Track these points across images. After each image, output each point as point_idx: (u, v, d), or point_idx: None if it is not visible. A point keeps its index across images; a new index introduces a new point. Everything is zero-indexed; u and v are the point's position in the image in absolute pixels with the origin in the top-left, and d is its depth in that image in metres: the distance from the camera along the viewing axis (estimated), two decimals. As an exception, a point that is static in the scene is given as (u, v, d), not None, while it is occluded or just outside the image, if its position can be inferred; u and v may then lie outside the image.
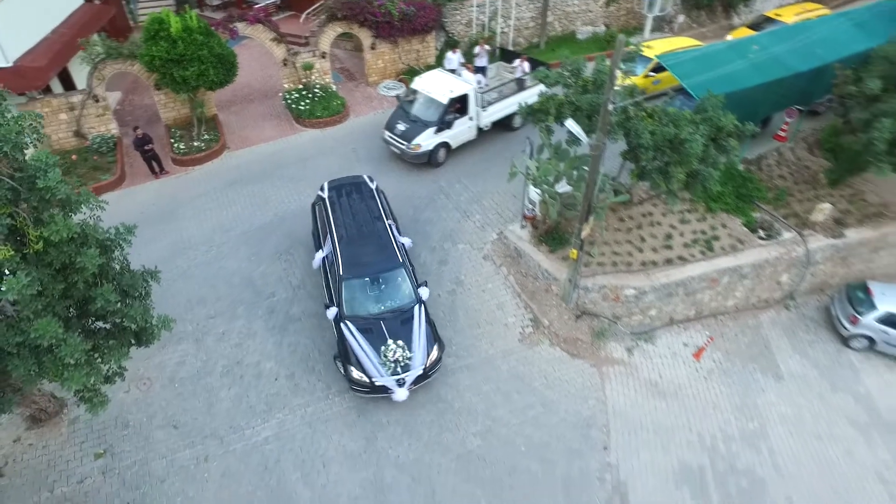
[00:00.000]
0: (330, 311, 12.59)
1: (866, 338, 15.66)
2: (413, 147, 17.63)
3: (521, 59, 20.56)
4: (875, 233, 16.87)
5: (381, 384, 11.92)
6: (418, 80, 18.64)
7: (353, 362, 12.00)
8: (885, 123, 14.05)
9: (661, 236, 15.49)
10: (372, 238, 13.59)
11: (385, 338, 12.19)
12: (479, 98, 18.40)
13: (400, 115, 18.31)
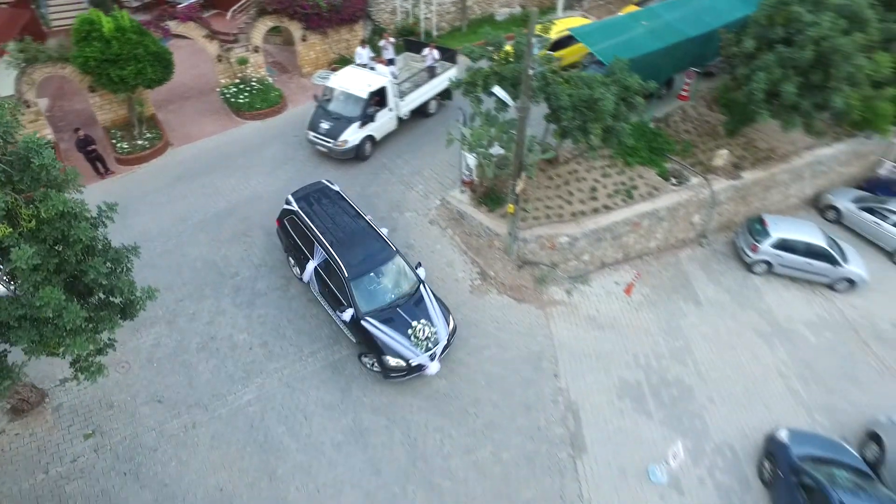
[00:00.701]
0: (346, 314, 12.90)
1: (765, 262, 18.10)
2: (340, 143, 18.04)
3: (429, 47, 21.30)
4: (766, 173, 19.37)
5: (416, 363, 12.76)
6: (334, 78, 19.05)
7: (389, 352, 12.64)
8: (760, 76, 16.31)
9: (587, 189, 17.30)
10: (359, 235, 13.95)
11: (408, 322, 12.95)
12: (397, 89, 19.15)
13: (321, 114, 18.52)
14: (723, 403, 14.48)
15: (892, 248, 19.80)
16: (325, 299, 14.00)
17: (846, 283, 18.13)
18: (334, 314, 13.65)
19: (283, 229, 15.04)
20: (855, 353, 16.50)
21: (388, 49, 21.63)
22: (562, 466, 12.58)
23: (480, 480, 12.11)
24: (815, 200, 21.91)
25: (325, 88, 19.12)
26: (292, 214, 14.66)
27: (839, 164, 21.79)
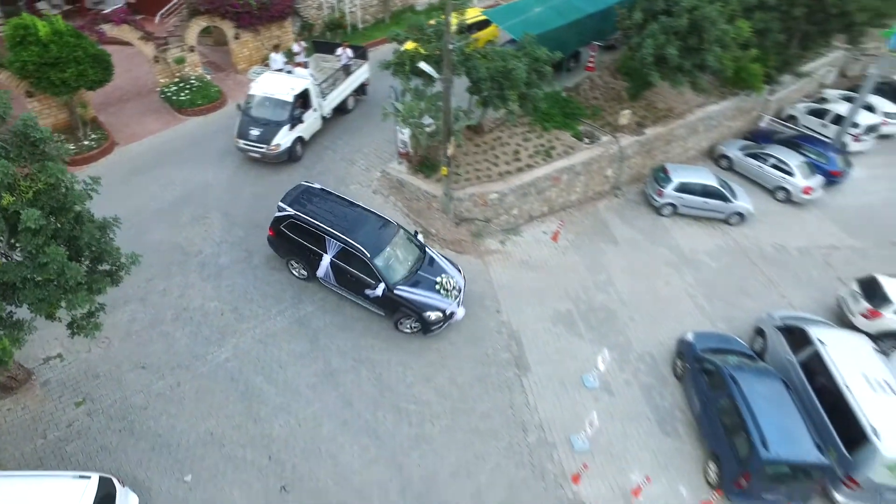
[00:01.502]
0: (378, 290, 14.33)
1: (671, 205, 20.84)
2: (273, 147, 18.53)
3: (342, 47, 22.27)
4: (665, 129, 22.17)
5: (450, 311, 14.57)
6: (255, 85, 19.44)
7: (428, 309, 14.32)
8: (648, 43, 18.93)
9: (511, 153, 19.46)
10: (362, 220, 15.15)
11: (432, 280, 14.66)
12: (318, 89, 19.97)
13: (249, 121, 18.79)
14: (642, 321, 16.94)
15: (772, 185, 23.08)
16: (345, 288, 15.14)
17: (737, 216, 21.13)
18: (358, 297, 15.04)
19: (282, 236, 15.41)
20: (747, 272, 19.43)
21: (301, 52, 22.52)
22: (510, 383, 14.63)
23: (441, 401, 14.00)
24: (710, 151, 25.05)
25: (247, 96, 19.46)
26: (290, 219, 15.13)
27: (726, 119, 24.99)
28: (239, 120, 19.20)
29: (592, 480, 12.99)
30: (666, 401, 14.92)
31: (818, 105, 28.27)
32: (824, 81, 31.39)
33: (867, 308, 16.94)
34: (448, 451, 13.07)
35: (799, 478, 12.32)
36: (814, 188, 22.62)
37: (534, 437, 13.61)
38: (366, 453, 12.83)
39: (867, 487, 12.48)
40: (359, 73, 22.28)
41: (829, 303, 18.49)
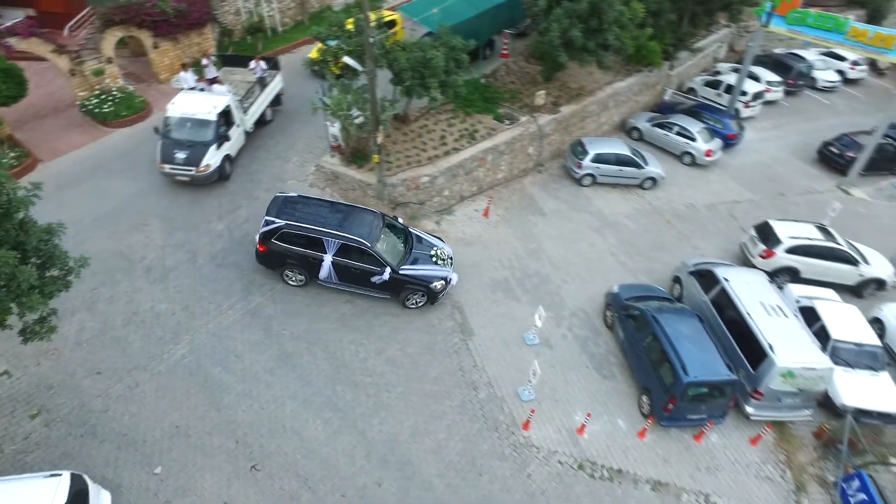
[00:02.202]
0: (385, 275, 15.49)
1: (590, 175, 22.53)
2: (203, 169, 18.23)
3: (255, 59, 21.87)
4: (579, 106, 23.85)
5: (449, 277, 16.20)
6: (172, 107, 18.79)
7: (433, 280, 15.83)
8: (554, 27, 20.43)
9: (437, 138, 20.55)
10: (350, 214, 16.01)
11: (427, 254, 16.32)
12: (239, 104, 19.80)
13: (171, 144, 18.27)
14: (573, 282, 18.42)
15: (678, 151, 25.29)
16: (348, 283, 16.02)
17: (650, 181, 23.08)
18: (362, 288, 16.08)
19: (275, 248, 15.63)
20: (662, 229, 21.35)
21: (210, 68, 21.54)
22: (457, 348, 15.73)
23: (394, 371, 14.93)
24: (621, 124, 27.06)
25: (164, 118, 18.87)
26: (282, 230, 15.43)
27: (634, 94, 27.03)
28: (160, 144, 18.50)
29: (541, 425, 14.26)
30: (600, 348, 16.41)
31: (713, 77, 31.00)
32: (717, 56, 34.29)
33: (763, 249, 19.10)
34: (406, 415, 14.03)
35: (715, 395, 14.01)
36: (714, 151, 24.97)
37: (484, 393, 14.76)
38: (329, 426, 13.60)
39: (769, 396, 14.38)
40: (274, 84, 22.21)
41: (734, 249, 20.63)
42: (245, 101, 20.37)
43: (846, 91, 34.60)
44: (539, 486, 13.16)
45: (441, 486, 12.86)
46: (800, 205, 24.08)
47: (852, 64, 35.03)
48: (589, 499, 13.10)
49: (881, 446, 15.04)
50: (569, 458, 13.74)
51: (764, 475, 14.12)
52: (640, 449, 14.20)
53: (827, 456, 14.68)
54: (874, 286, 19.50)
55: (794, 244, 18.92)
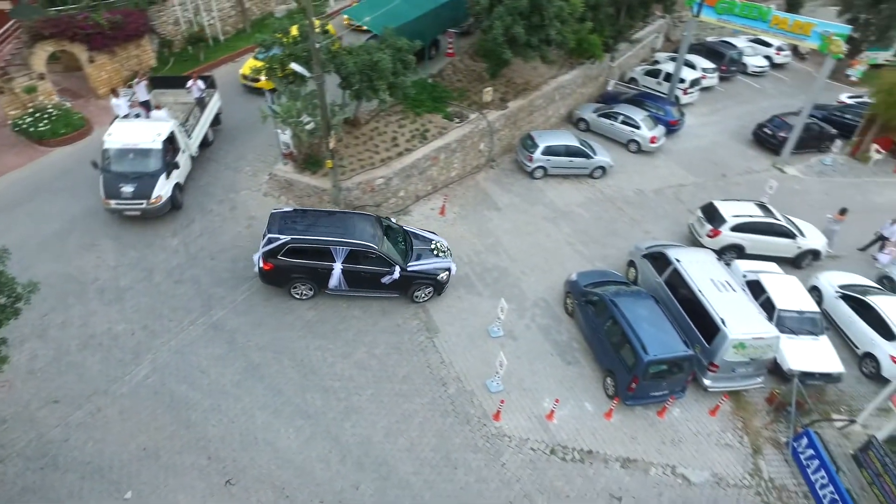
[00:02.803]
0: (395, 274, 15.85)
1: (541, 168, 23.04)
2: (155, 201, 17.32)
3: (192, 80, 20.68)
4: (526, 101, 24.34)
5: (451, 267, 16.85)
6: (109, 138, 17.59)
7: (439, 272, 16.54)
8: (497, 24, 20.82)
9: (389, 140, 20.64)
10: (350, 221, 16.35)
11: (428, 249, 16.93)
12: (182, 129, 18.93)
13: (116, 178, 17.13)
14: (532, 273, 18.84)
15: (624, 139, 26.11)
16: (358, 288, 16.24)
17: (600, 170, 23.78)
18: (371, 291, 16.42)
19: (282, 264, 15.51)
20: (614, 216, 22.04)
21: (142, 90, 20.25)
22: (423, 347, 15.91)
23: (363, 373, 14.99)
24: (569, 116, 27.74)
25: (101, 151, 17.57)
26: (287, 245, 15.35)
27: (578, 86, 27.75)
28: (101, 179, 17.27)
29: (511, 415, 14.58)
30: (563, 336, 16.87)
31: (652, 67, 32.13)
32: (654, 46, 35.50)
33: (710, 229, 19.99)
34: (378, 416, 14.12)
35: (674, 371, 14.61)
36: (658, 138, 25.90)
37: (453, 388, 14.99)
38: (301, 433, 13.57)
39: (724, 368, 15.11)
40: (213, 103, 21.38)
41: (683, 230, 21.49)
42: (187, 125, 19.47)
43: (774, 75, 36.44)
44: (514, 473, 13.47)
45: (418, 483, 13.02)
46: (741, 185, 25.24)
47: (777, 49, 36.91)
48: (562, 481, 13.49)
49: (824, 405, 16.04)
50: (540, 444, 14.10)
51: (724, 442, 14.82)
52: (608, 429, 14.69)
53: (779, 419, 15.51)
54: (811, 257, 20.66)
55: (737, 222, 19.87)
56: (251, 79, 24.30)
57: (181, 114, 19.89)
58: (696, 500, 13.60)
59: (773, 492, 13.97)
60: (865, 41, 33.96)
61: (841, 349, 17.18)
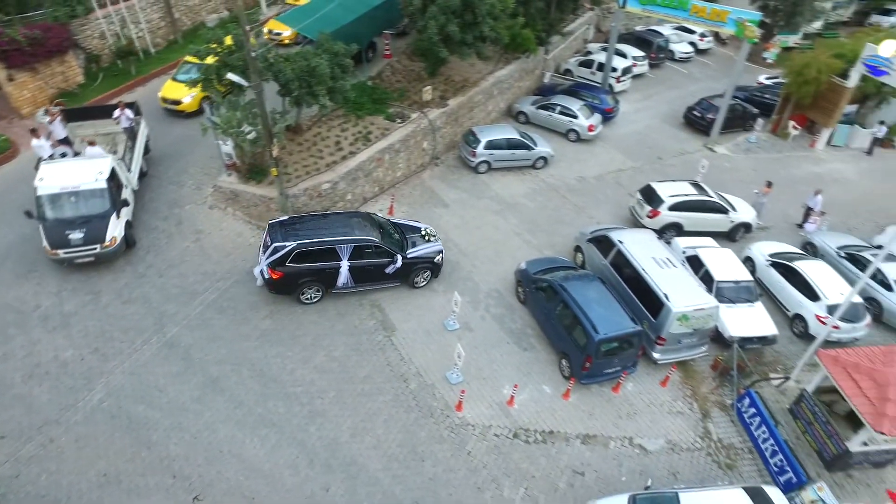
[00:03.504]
0: (398, 261, 16.76)
1: (485, 162, 23.55)
2: (110, 243, 16.32)
3: (119, 108, 19.20)
4: (465, 98, 24.79)
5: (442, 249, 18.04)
6: (43, 184, 16.16)
7: (433, 256, 17.62)
8: (431, 24, 21.19)
9: (333, 144, 20.70)
10: (344, 221, 17.07)
11: (418, 235, 17.89)
12: (122, 164, 17.97)
13: (59, 226, 15.93)
14: (483, 265, 19.29)
15: (564, 129, 26.94)
16: (364, 282, 16.98)
17: (542, 160, 24.48)
18: (376, 283, 17.25)
19: (291, 270, 15.79)
20: (559, 205, 22.77)
21: (58, 127, 18.66)
22: (382, 345, 16.12)
23: (324, 377, 15.10)
24: (508, 110, 28.36)
25: (36, 199, 16.16)
26: (295, 251, 15.64)
27: (515, 80, 28.41)
28: (42, 228, 15.97)
29: (473, 404, 14.99)
30: (517, 324, 17.38)
31: (585, 57, 33.16)
32: (586, 37, 36.64)
33: (649, 210, 20.94)
34: (342, 417, 14.28)
35: (625, 348, 15.32)
36: (595, 126, 26.83)
37: (414, 383, 15.27)
38: (267, 442, 13.58)
39: (670, 340, 15.95)
40: (142, 131, 20.16)
41: (625, 213, 22.41)
42: (125, 158, 18.28)
43: (699, 60, 38.21)
44: (480, 460, 13.87)
45: (387, 479, 13.25)
46: (675, 166, 26.45)
47: (701, 36, 38.72)
48: (527, 463, 13.97)
49: (763, 366, 17.15)
50: (503, 430, 14.55)
51: (676, 410, 15.66)
52: (567, 409, 15.28)
53: (724, 383, 16.48)
54: (743, 230, 21.94)
55: (674, 202, 20.89)
56: (171, 101, 23.32)
57: (108, 146, 18.67)
58: (653, 466, 14.33)
59: (722, 451, 14.86)
60: (776, 26, 36.11)
61: (774, 313, 18.37)
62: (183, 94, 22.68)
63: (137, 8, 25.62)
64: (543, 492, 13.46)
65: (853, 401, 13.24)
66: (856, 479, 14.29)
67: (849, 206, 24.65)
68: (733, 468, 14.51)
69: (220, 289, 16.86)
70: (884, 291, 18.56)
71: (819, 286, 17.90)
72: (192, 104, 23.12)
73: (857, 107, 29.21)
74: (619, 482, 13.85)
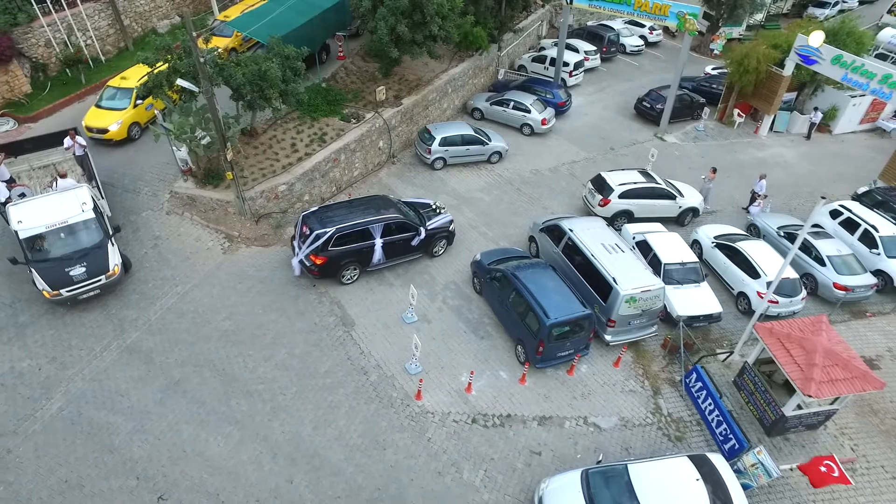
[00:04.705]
0: (422, 233, 18.45)
1: (441, 159, 24.05)
2: (112, 272, 16.06)
3: (69, 136, 18.39)
4: (419, 96, 25.24)
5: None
6: (23, 226, 15.38)
7: (448, 225, 19.41)
8: (381, 25, 21.58)
9: (288, 146, 20.96)
10: (368, 204, 18.63)
11: (431, 209, 19.63)
12: (96, 191, 17.81)
13: (57, 265, 15.36)
14: (440, 259, 19.75)
15: (518, 124, 27.60)
16: (394, 256, 18.49)
17: (497, 155, 25.09)
18: (404, 256, 18.81)
19: (333, 254, 17.18)
20: (514, 197, 23.39)
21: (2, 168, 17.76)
22: (342, 341, 16.49)
23: (285, 374, 15.40)
24: (464, 108, 28.91)
25: (21, 243, 15.38)
26: (332, 237, 16.98)
27: (469, 77, 28.98)
28: (35, 271, 15.26)
29: (432, 392, 15.45)
30: (474, 314, 17.91)
31: (538, 53, 33.92)
32: (539, 34, 37.40)
33: (600, 199, 21.70)
34: (304, 412, 14.61)
35: (576, 331, 15.95)
36: (548, 119, 27.56)
37: (374, 375, 15.68)
38: (230, 439, 13.84)
39: (620, 322, 16.67)
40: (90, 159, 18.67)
41: (579, 203, 23.15)
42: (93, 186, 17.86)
43: (650, 53, 39.35)
44: (440, 446, 14.35)
45: (350, 469, 13.64)
46: (627, 156, 27.34)
47: (650, 29, 39.85)
48: (486, 446, 14.49)
49: (710, 342, 18.01)
50: (462, 416, 15.06)
51: (628, 389, 16.36)
52: (523, 393, 15.86)
53: (673, 361, 17.27)
54: (691, 214, 22.86)
55: (623, 190, 21.67)
56: (97, 130, 21.37)
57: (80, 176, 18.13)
58: (607, 443, 14.99)
59: (672, 425, 15.61)
60: (721, 18, 37.45)
61: (720, 292, 19.30)
62: (109, 121, 21.22)
63: (84, 15, 25.35)
64: (502, 472, 13.98)
65: (785, 368, 14.11)
66: (792, 441, 15.19)
67: (790, 188, 25.83)
68: (682, 440, 15.27)
69: (179, 293, 17.02)
70: (819, 267, 19.61)
71: (759, 264, 18.84)
72: (120, 131, 21.45)
73: (796, 94, 30.57)
74: (575, 460, 14.45)
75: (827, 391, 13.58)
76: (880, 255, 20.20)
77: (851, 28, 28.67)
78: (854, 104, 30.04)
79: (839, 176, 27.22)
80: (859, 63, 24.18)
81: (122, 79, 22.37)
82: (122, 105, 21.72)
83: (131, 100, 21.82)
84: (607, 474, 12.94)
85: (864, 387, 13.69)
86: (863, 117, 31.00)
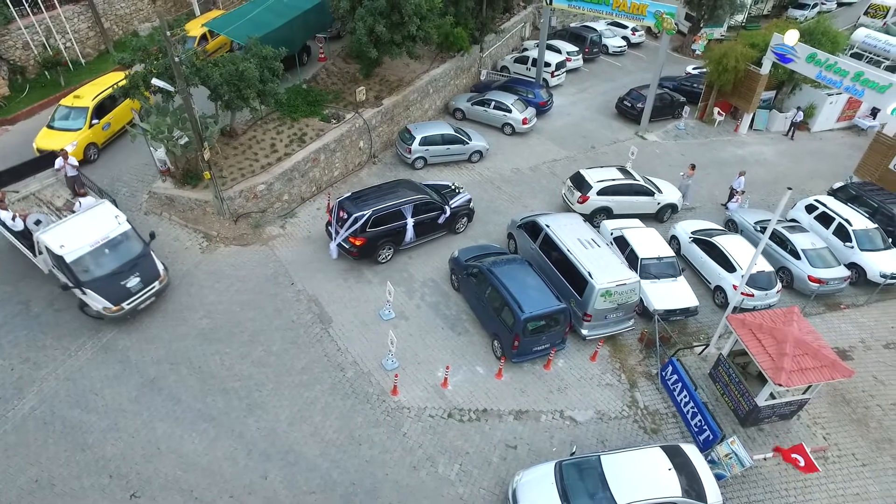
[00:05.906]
0: (448, 211, 19.78)
1: (421, 158, 24.16)
2: (163, 277, 16.42)
3: (60, 157, 17.89)
4: (400, 97, 25.36)
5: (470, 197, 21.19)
6: (66, 249, 14.93)
7: (469, 201, 20.85)
8: (360, 25, 21.70)
9: (268, 146, 21.02)
10: (396, 187, 19.63)
11: (451, 190, 21.03)
12: None
13: (110, 280, 15.34)
14: (418, 256, 19.82)
15: (499, 124, 27.77)
16: (423, 234, 19.71)
17: (477, 154, 25.22)
18: (432, 234, 20.07)
19: (371, 235, 18.19)
20: (494, 195, 23.52)
21: None
22: (319, 337, 16.53)
23: (262, 370, 15.43)
24: (446, 108, 29.05)
25: (69, 267, 14.95)
26: (369, 219, 17.94)
27: (451, 78, 29.14)
28: (92, 291, 15.10)
29: (408, 388, 15.51)
30: (452, 310, 17.99)
31: (521, 54, 34.14)
32: (523, 35, 37.67)
33: (579, 196, 21.87)
34: (280, 408, 14.63)
35: (552, 325, 16.06)
36: (529, 119, 27.73)
37: (351, 372, 15.72)
38: (205, 436, 13.85)
39: (597, 316, 16.79)
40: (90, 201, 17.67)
41: (559, 201, 23.29)
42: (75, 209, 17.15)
43: (633, 53, 39.67)
44: (415, 440, 14.39)
45: (325, 464, 13.66)
46: (608, 154, 27.55)
47: (633, 30, 40.22)
48: (462, 440, 14.55)
49: (687, 336, 18.17)
50: (438, 411, 15.11)
51: (605, 383, 16.46)
52: (500, 387, 15.93)
53: (650, 354, 17.40)
54: (670, 211, 23.06)
55: (602, 187, 21.84)
56: (49, 153, 18.90)
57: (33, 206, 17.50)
58: (583, 436, 15.08)
59: (648, 417, 15.73)
60: (701, 19, 37.86)
61: (698, 286, 19.47)
62: (62, 143, 19.69)
63: (63, 18, 25.35)
64: (477, 466, 14.04)
65: (757, 358, 14.27)
66: (766, 431, 15.34)
67: (769, 185, 26.09)
68: (658, 432, 15.38)
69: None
70: (794, 260, 19.84)
71: (735, 258, 19.03)
72: (76, 153, 19.66)
73: (774, 93, 30.93)
74: (551, 453, 14.51)
75: (797, 380, 13.75)
76: (854, 249, 20.46)
77: (826, 28, 29.08)
78: (831, 102, 30.44)
79: (817, 172, 27.55)
80: (833, 61, 24.52)
81: (76, 97, 20.96)
82: (76, 126, 20.42)
83: (86, 119, 20.57)
84: (580, 466, 13.03)
85: (833, 375, 13.86)
86: (840, 115, 31.40)
